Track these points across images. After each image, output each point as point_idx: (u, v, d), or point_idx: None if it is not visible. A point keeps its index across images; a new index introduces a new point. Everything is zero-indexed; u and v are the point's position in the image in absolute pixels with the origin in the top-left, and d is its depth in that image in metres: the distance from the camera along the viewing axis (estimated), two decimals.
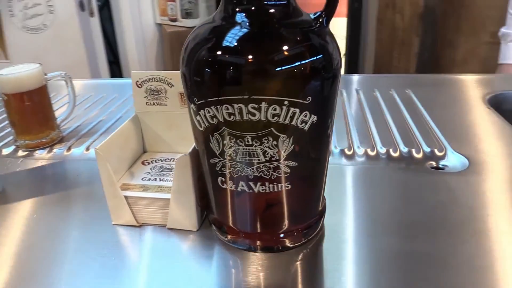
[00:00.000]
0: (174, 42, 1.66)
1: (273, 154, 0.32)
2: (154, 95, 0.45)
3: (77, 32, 1.58)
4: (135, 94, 0.46)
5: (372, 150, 0.55)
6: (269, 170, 0.32)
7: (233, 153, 0.32)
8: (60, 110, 0.70)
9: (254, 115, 0.30)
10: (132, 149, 0.46)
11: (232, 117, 0.30)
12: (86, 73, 1.61)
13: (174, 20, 1.69)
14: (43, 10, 1.53)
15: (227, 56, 0.30)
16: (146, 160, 0.47)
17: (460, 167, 0.50)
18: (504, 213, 0.42)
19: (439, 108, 0.67)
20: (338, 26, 2.13)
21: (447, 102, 0.70)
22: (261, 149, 0.31)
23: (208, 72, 0.30)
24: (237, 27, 0.30)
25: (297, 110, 0.30)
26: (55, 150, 0.59)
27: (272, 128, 0.31)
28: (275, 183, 0.33)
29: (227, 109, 0.30)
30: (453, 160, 0.52)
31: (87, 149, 0.59)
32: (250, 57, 0.29)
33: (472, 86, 0.77)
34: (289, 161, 0.32)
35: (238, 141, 0.31)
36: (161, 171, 0.44)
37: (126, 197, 0.40)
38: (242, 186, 0.33)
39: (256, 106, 0.29)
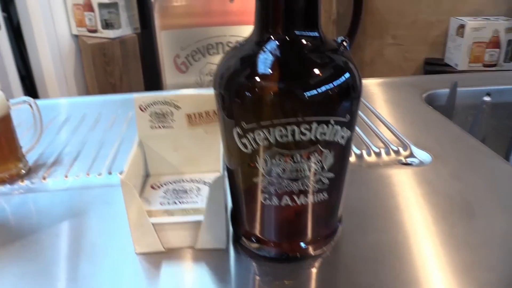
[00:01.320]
0: (96, 54, 1.58)
1: (317, 168, 0.35)
2: (160, 118, 0.45)
3: None
4: (138, 118, 0.45)
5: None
6: (312, 183, 0.35)
7: (281, 171, 0.34)
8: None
9: (305, 135, 0.33)
10: (141, 175, 0.46)
11: (284, 138, 0.33)
12: None
13: (94, 31, 1.61)
14: None
15: (282, 82, 0.32)
16: (155, 184, 0.46)
17: (426, 162, 0.58)
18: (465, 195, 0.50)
19: (388, 108, 0.76)
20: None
21: (391, 102, 0.79)
22: (307, 164, 0.34)
23: (262, 98, 0.32)
24: (283, 54, 0.33)
25: (339, 128, 0.34)
26: (25, 182, 0.55)
27: (318, 145, 0.34)
28: (315, 194, 0.36)
29: (280, 131, 0.32)
30: (418, 156, 0.60)
31: (66, 176, 0.56)
32: (306, 82, 0.32)
33: (404, 87, 0.87)
34: (329, 173, 0.36)
35: (287, 159, 0.34)
36: (177, 193, 0.44)
37: (153, 224, 0.40)
38: (286, 200, 0.36)
39: (308, 127, 0.32)
